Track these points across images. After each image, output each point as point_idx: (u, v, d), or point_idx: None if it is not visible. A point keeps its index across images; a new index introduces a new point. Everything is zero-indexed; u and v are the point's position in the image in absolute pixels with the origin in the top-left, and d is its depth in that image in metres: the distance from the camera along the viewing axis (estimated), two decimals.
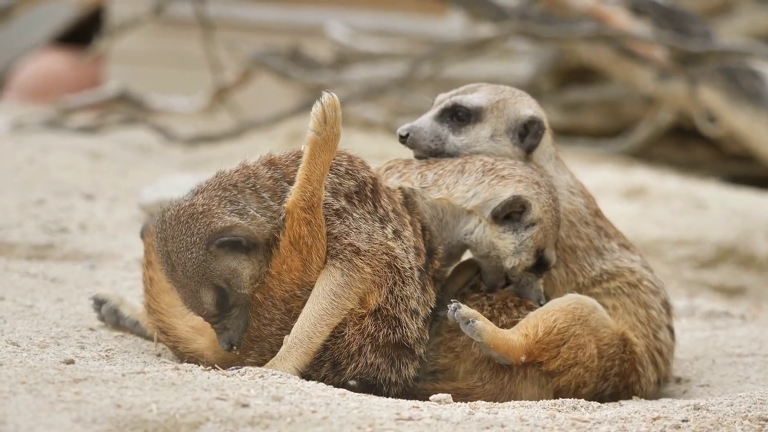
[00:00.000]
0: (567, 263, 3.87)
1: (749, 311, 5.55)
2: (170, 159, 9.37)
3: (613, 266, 3.91)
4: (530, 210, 3.71)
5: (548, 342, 3.67)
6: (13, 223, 5.66)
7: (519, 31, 7.48)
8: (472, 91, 3.89)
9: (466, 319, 3.59)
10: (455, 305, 3.60)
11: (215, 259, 3.50)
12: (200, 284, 3.52)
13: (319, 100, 3.52)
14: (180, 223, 3.52)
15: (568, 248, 3.87)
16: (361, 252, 3.53)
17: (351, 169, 3.65)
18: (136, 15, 10.01)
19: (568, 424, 3.19)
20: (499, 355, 3.63)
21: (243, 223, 3.51)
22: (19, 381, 3.04)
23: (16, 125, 9.55)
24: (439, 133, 3.84)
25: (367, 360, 3.53)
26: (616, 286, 3.89)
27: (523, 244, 3.72)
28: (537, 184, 3.75)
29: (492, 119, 3.85)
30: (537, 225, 3.72)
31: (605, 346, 3.77)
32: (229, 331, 3.55)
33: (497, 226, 3.73)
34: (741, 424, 3.23)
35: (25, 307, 4.17)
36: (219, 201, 3.53)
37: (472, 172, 3.78)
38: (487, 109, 3.85)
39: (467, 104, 3.85)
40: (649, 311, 3.90)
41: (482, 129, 3.85)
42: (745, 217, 7.00)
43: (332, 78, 9.93)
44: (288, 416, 3.00)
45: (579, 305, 3.74)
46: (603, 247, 3.91)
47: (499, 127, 3.86)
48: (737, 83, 6.98)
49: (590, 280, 3.88)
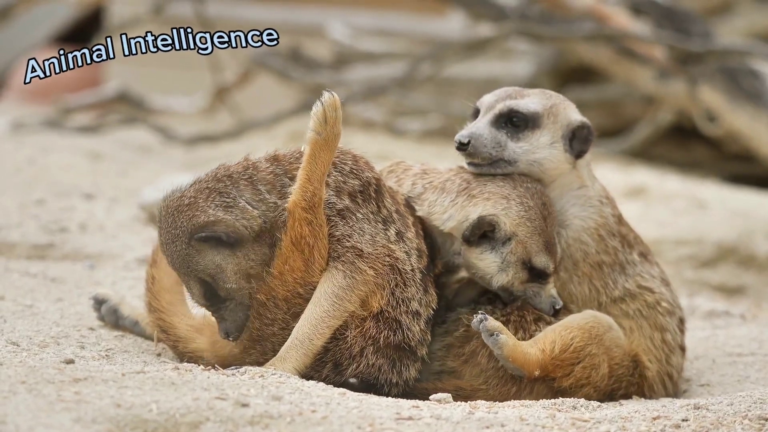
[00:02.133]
0: (592, 280, 3.83)
1: (749, 311, 5.55)
2: (170, 159, 9.37)
3: (634, 285, 3.87)
4: (499, 227, 3.67)
5: (563, 359, 3.66)
6: (14, 223, 5.66)
7: (519, 31, 7.47)
8: (523, 96, 3.82)
9: (491, 331, 3.58)
10: (482, 317, 3.58)
11: (198, 253, 3.51)
12: (187, 276, 3.54)
13: (319, 100, 3.52)
14: (169, 214, 3.54)
15: (596, 264, 3.83)
16: (364, 254, 3.53)
17: (355, 169, 3.64)
18: (136, 15, 10.00)
19: (568, 424, 3.19)
20: (514, 367, 3.62)
21: (227, 218, 3.50)
22: (19, 381, 3.04)
23: (16, 125, 9.54)
24: (499, 139, 3.76)
25: (368, 361, 3.53)
26: (635, 309, 3.86)
27: (506, 261, 3.68)
28: (505, 198, 3.70)
29: (549, 125, 3.79)
30: (513, 239, 3.68)
31: (616, 366, 3.76)
32: (227, 322, 3.56)
33: (474, 248, 3.70)
34: (741, 423, 3.23)
35: (25, 306, 4.17)
36: (208, 194, 3.53)
37: (450, 192, 3.74)
38: (543, 114, 3.79)
39: (524, 110, 3.78)
40: (664, 335, 3.88)
41: (542, 135, 3.79)
42: (745, 216, 7.00)
43: (332, 78, 9.92)
44: (288, 416, 3.00)
45: (596, 324, 3.73)
46: (626, 261, 3.87)
47: (556, 133, 3.80)
48: (737, 83, 6.98)
49: (611, 300, 3.85)
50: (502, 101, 3.81)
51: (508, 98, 3.82)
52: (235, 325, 3.55)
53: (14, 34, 13.92)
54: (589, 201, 3.86)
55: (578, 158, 3.85)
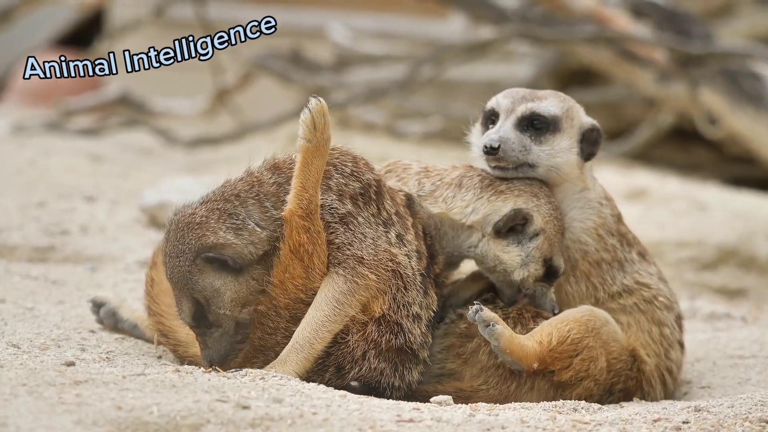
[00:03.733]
0: (590, 277, 3.85)
1: (750, 313, 5.55)
2: (171, 161, 9.38)
3: (632, 281, 3.88)
4: (532, 221, 3.72)
5: (561, 351, 3.66)
6: (14, 226, 5.66)
7: (520, 33, 7.48)
8: (541, 99, 3.81)
9: (486, 322, 3.58)
10: (477, 307, 3.59)
11: (200, 272, 3.50)
12: (182, 292, 3.52)
13: (306, 107, 3.52)
14: (178, 228, 3.53)
15: (595, 262, 3.85)
16: (365, 261, 3.53)
17: (356, 171, 3.65)
18: (137, 17, 10.01)
19: (569, 426, 3.19)
20: (512, 360, 3.62)
21: (237, 243, 3.50)
22: (20, 383, 3.04)
23: (17, 128, 9.55)
24: (524, 143, 3.76)
25: (371, 365, 3.53)
26: (632, 303, 3.87)
27: (530, 256, 3.73)
28: (536, 196, 3.76)
29: (567, 128, 3.80)
30: (541, 235, 3.73)
31: (614, 360, 3.77)
32: (210, 350, 3.54)
33: (501, 240, 3.73)
34: (742, 425, 3.23)
35: (25, 309, 4.17)
36: (219, 215, 3.53)
37: (470, 188, 3.77)
38: (562, 117, 3.80)
39: (545, 113, 3.78)
40: (662, 329, 3.89)
41: (562, 139, 3.79)
42: (746, 219, 7.00)
43: (333, 80, 9.93)
44: (289, 418, 3.00)
45: (592, 317, 3.74)
46: (625, 258, 3.88)
47: (573, 137, 3.82)
48: (738, 85, 6.98)
49: (609, 295, 3.86)
50: (521, 104, 3.80)
51: (525, 100, 3.81)
52: (218, 355, 3.53)
53: (15, 37, 13.93)
54: (589, 203, 3.87)
55: (586, 161, 3.86)
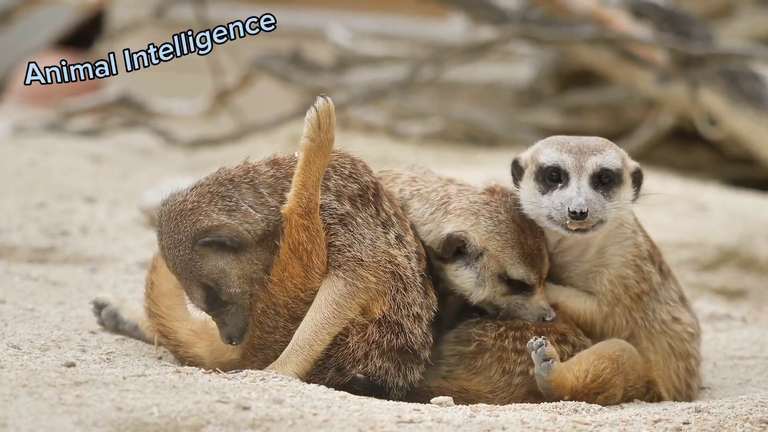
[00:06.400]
0: (631, 312, 3.82)
1: (750, 314, 5.55)
2: (171, 162, 9.37)
3: (669, 316, 3.87)
4: (469, 243, 3.68)
5: (591, 388, 3.69)
6: (15, 227, 5.66)
7: (520, 34, 7.48)
8: (600, 151, 3.73)
9: (547, 357, 3.57)
10: (543, 341, 3.56)
11: (201, 258, 3.50)
12: (189, 280, 3.52)
13: (313, 106, 3.52)
14: (171, 219, 3.53)
15: (635, 296, 3.83)
16: (364, 263, 3.53)
17: (354, 173, 3.65)
18: (137, 18, 10.01)
19: (570, 427, 3.19)
20: (549, 389, 3.63)
21: (231, 223, 3.50)
22: (20, 384, 3.04)
23: (17, 129, 9.54)
24: (602, 202, 3.69)
25: (375, 364, 3.53)
26: (667, 343, 3.86)
27: (480, 276, 3.69)
28: (475, 214, 3.70)
29: (626, 178, 3.76)
30: (484, 254, 3.69)
31: (629, 388, 3.80)
32: (228, 327, 3.55)
33: (450, 264, 3.72)
34: (742, 426, 3.23)
35: (26, 310, 4.17)
36: (210, 198, 3.53)
37: (432, 204, 3.75)
38: (623, 169, 3.76)
39: (612, 167, 3.70)
40: (688, 362, 3.90)
41: (624, 190, 3.75)
42: (746, 219, 6.99)
43: (333, 81, 9.93)
44: (289, 419, 3.00)
45: (623, 353, 3.76)
46: (659, 284, 3.88)
47: (629, 184, 3.78)
48: (738, 86, 6.99)
49: (647, 333, 3.85)
50: (587, 159, 3.70)
51: (587, 154, 3.71)
52: (237, 329, 3.55)
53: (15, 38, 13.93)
54: (624, 235, 3.84)
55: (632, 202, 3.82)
